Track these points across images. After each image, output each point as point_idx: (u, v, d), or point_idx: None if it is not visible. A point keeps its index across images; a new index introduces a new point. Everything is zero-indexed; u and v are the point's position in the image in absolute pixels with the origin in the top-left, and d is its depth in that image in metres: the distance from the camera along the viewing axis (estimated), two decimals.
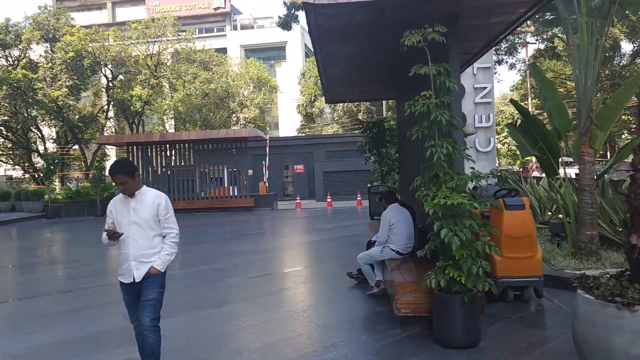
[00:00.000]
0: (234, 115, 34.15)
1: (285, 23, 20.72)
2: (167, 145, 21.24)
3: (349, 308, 5.55)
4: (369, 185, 14.84)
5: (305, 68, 39.69)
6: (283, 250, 10.51)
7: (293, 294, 6.42)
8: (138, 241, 3.46)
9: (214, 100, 30.75)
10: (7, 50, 29.46)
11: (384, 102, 30.93)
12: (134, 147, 20.98)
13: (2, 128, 30.70)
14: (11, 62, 29.58)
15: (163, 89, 31.67)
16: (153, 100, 30.52)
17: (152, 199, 3.50)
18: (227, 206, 20.19)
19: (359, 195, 21.75)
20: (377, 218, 14.36)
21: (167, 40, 31.54)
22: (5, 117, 29.82)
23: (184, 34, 33.24)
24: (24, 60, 29.42)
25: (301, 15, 21.21)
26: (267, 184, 24.15)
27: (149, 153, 21.04)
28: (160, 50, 31.42)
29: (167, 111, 31.12)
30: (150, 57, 31.08)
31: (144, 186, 3.62)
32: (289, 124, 43.04)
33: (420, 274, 4.80)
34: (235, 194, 20.72)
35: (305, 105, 38.54)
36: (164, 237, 3.54)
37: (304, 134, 37.17)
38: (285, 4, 19.94)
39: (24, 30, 29.41)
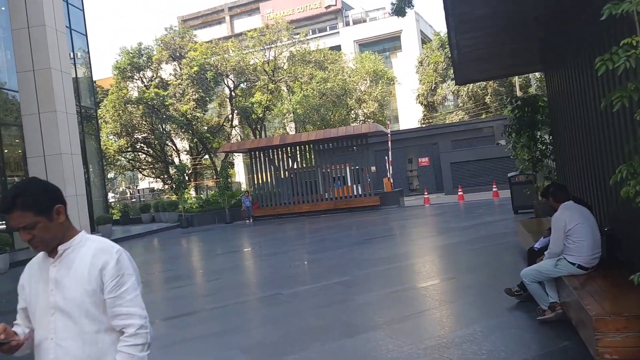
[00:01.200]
0: (352, 112, 33.48)
1: (399, 9, 19.30)
2: (288, 147, 21.05)
3: (517, 341, 4.26)
4: (510, 175, 13.04)
5: (423, 55, 37.76)
6: (417, 256, 9.33)
7: (438, 319, 5.25)
8: (64, 345, 1.72)
9: (332, 99, 30.31)
10: (141, 72, 31.78)
11: (516, 82, 28.10)
12: (257, 152, 21.10)
13: (143, 145, 33.27)
14: (145, 83, 31.87)
15: (281, 92, 31.99)
16: (273, 105, 30.93)
17: (89, 258, 1.75)
18: (352, 206, 19.41)
19: (494, 186, 19.70)
20: (523, 212, 12.63)
21: (282, 44, 31.80)
22: (145, 134, 32.22)
23: (297, 36, 33.32)
24: (156, 80, 31.53)
25: None
26: (391, 180, 23.01)
27: (271, 157, 21.04)
28: (276, 55, 31.76)
29: (287, 114, 31.34)
30: (268, 63, 31.55)
31: (82, 233, 1.85)
32: (409, 116, 41.36)
33: (625, 300, 3.40)
34: (360, 192, 19.88)
35: (425, 94, 36.64)
36: (121, 332, 1.76)
37: (426, 125, 35.33)
38: None
39: (154, 52, 31.50)
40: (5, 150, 14.53)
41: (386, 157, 24.14)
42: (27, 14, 14.36)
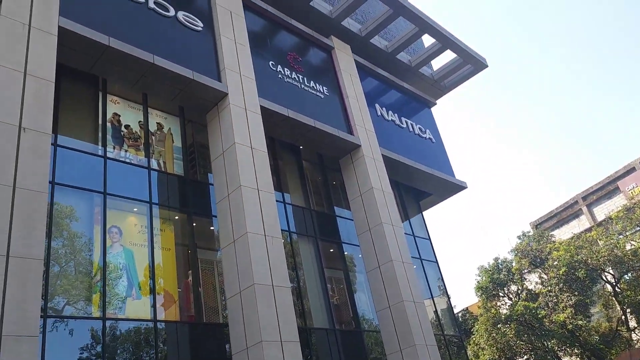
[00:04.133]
0: None
1: None
2: None
3: None
4: None
5: None
6: None
7: None
8: None
9: None
10: (505, 288, 30.09)
11: None
12: None
13: None
14: (512, 298, 29.75)
15: None
16: None
17: None
18: None
19: None
20: None
21: None
22: (526, 356, 28.74)
23: None
24: (523, 293, 29.16)
25: None
26: None
27: None
28: None
29: None
30: None
31: None
32: None
33: None
34: None
35: None
36: None
37: None
38: None
39: (512, 263, 29.91)
40: None
41: None
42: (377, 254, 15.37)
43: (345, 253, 16.33)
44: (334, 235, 16.40)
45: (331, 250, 16.09)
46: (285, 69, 16.29)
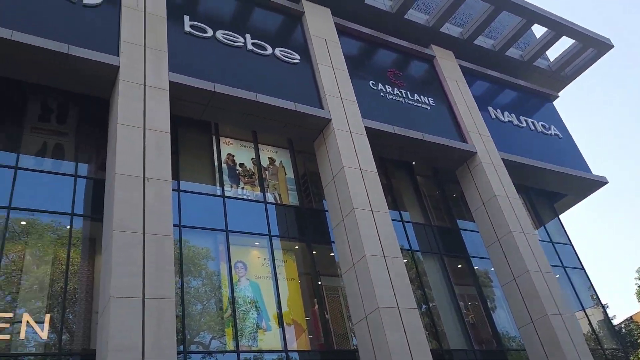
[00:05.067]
0: None
1: None
2: None
3: None
4: None
5: None
6: None
7: None
8: None
9: None
10: None
11: None
12: None
13: None
14: None
15: None
16: None
17: None
18: None
19: None
20: None
21: None
22: None
23: None
24: None
25: None
26: None
27: None
28: None
29: None
30: None
31: None
32: None
33: None
34: None
35: None
36: None
37: None
38: None
39: None
40: None
41: None
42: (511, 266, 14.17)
43: (476, 268, 15.33)
44: (460, 249, 15.51)
45: (459, 266, 15.21)
46: (387, 86, 16.06)
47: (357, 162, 12.90)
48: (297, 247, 12.75)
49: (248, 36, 13.95)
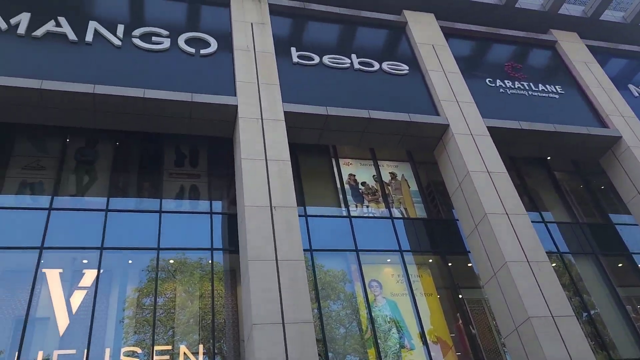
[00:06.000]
0: None
1: None
2: None
3: None
4: None
5: None
6: None
7: None
8: None
9: None
10: None
11: None
12: None
13: None
14: None
15: None
16: None
17: None
18: None
19: None
20: None
21: None
22: None
23: None
24: None
25: None
26: None
27: None
28: None
29: None
30: None
31: None
32: None
33: None
34: None
35: None
36: None
37: None
38: None
39: None
40: None
41: None
42: None
43: None
44: (618, 246, 13.74)
45: (620, 265, 13.47)
46: (506, 81, 15.10)
47: (483, 165, 12.17)
48: (430, 261, 12.25)
49: (354, 56, 14.06)
